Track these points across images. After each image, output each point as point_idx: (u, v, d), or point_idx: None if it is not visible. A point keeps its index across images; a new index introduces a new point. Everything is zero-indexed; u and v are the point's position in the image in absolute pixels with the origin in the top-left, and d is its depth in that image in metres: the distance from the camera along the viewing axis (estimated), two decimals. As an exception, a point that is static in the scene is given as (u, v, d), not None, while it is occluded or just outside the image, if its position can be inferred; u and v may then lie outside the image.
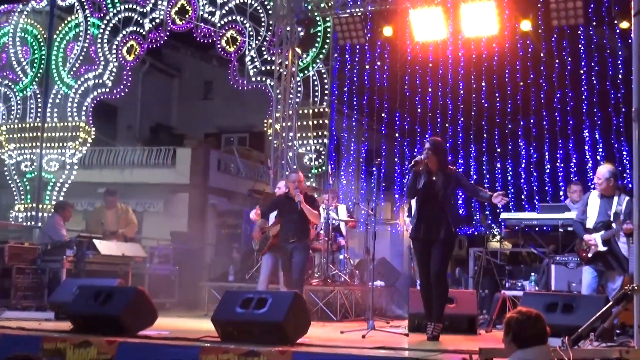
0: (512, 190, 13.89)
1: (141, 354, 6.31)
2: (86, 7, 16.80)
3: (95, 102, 17.03)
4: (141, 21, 16.19)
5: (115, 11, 16.53)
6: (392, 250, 14.94)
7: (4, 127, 17.41)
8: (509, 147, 14.09)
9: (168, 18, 15.86)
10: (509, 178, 13.98)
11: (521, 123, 13.96)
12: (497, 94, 14.14)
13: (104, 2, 16.63)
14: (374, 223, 8.93)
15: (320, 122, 15.17)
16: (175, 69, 27.25)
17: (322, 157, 15.03)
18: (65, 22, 17.13)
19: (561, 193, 13.05)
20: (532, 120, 13.84)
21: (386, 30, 14.20)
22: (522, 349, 4.29)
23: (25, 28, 17.51)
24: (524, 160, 13.87)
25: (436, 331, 7.57)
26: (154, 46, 16.63)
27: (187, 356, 6.08)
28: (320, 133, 15.15)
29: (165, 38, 16.26)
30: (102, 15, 16.73)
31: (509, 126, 14.11)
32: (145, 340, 6.66)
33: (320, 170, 14.94)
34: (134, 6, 16.31)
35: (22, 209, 16.99)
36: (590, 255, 8.44)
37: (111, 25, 16.57)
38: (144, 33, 16.16)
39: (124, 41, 16.48)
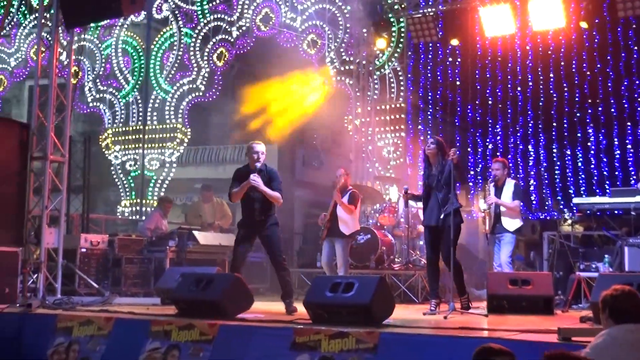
0: (583, 175, 13.42)
1: (240, 335, 6.36)
2: (179, 18, 17.09)
3: (190, 105, 17.33)
4: (229, 29, 16.35)
5: (205, 21, 16.75)
6: (469, 235, 14.70)
7: (110, 130, 17.91)
8: (578, 135, 13.62)
9: (253, 25, 15.98)
10: (579, 164, 13.53)
11: (589, 111, 13.49)
12: (564, 84, 13.72)
13: (195, 14, 16.88)
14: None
15: (397, 116, 15.09)
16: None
17: (400, 149, 14.93)
18: (161, 33, 17.47)
19: (631, 178, 12.56)
20: (600, 108, 13.36)
21: (453, 41, 14.12)
22: (618, 325, 4.01)
23: (126, 40, 17.93)
24: (593, 147, 13.39)
25: (464, 303, 8.15)
26: (242, 52, 16.80)
27: (282, 337, 6.09)
28: (397, 127, 15.06)
29: (252, 44, 16.40)
30: (193, 25, 16.98)
31: (578, 114, 13.64)
32: (243, 323, 6.71)
33: (398, 162, 14.84)
34: (223, 16, 16.49)
35: (127, 205, 17.45)
36: (663, 236, 8.14)
37: (202, 34, 16.81)
38: (232, 40, 16.33)
39: (214, 48, 16.70)
